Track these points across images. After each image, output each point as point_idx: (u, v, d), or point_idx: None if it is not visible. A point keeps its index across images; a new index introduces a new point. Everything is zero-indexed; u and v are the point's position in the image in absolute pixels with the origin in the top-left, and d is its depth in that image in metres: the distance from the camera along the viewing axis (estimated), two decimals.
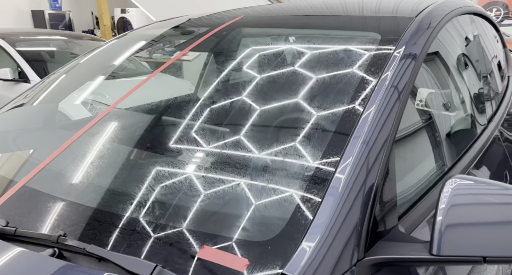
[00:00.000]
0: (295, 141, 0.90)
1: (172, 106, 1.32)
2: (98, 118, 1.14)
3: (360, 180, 0.74)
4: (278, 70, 1.11)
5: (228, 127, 1.01)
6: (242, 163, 0.90)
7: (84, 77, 1.54)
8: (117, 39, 1.63)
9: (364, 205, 0.72)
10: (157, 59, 5.54)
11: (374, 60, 0.98)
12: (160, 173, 0.90)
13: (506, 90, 1.76)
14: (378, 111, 0.84)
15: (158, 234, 0.73)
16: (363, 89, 0.91)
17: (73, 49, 4.66)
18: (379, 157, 0.78)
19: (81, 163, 0.96)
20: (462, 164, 1.09)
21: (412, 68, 0.95)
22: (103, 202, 0.83)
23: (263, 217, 0.77)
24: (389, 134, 0.82)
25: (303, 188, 0.78)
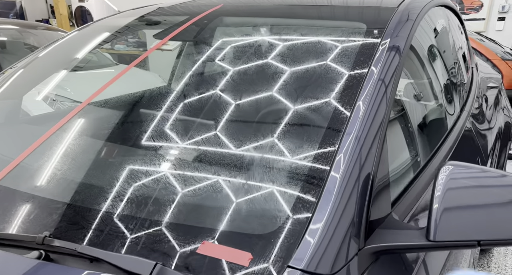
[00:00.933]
0: (288, 135, 0.89)
1: (152, 99, 1.26)
2: (73, 112, 1.07)
3: (356, 171, 0.74)
4: (261, 62, 1.09)
5: (221, 121, 0.98)
6: (237, 158, 0.88)
7: (45, 71, 1.43)
8: (82, 29, 1.53)
9: (362, 195, 0.73)
10: (120, 51, 5.34)
11: (362, 51, 0.98)
12: (152, 168, 0.85)
13: (472, 81, 1.85)
14: (369, 104, 0.84)
15: (154, 231, 0.70)
16: (353, 81, 0.91)
17: (27, 39, 4.35)
18: (373, 148, 0.79)
19: (59, 159, 0.90)
20: (442, 153, 1.13)
21: (398, 60, 0.97)
22: (89, 200, 0.78)
23: (263, 211, 0.75)
24: (381, 124, 0.83)
25: (302, 181, 0.77)
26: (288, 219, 0.70)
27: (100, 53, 3.66)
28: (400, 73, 0.95)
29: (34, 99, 1.48)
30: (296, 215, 0.70)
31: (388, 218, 0.79)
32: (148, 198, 0.78)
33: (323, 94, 0.92)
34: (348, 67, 0.96)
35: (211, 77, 1.13)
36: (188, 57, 1.63)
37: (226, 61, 1.16)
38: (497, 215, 0.68)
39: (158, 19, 1.45)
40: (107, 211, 0.74)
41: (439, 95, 1.38)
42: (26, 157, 0.86)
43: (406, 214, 0.86)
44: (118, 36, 1.56)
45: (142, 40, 4.55)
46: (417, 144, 1.14)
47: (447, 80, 1.50)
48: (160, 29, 1.35)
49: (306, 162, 0.80)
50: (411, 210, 0.88)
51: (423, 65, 1.30)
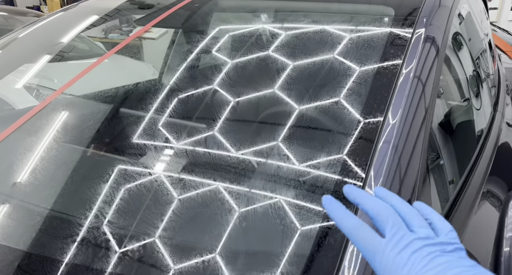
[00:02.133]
0: (307, 142, 0.72)
1: (135, 94, 1.07)
2: (38, 108, 0.90)
3: (396, 187, 0.58)
4: (269, 54, 0.89)
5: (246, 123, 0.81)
6: (250, 165, 0.71)
7: (25, 56, 1.24)
8: (64, 11, 1.34)
9: None
10: (114, 40, 5.09)
11: (392, 42, 0.80)
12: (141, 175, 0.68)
13: (499, 74, 1.66)
14: (408, 106, 0.67)
15: (147, 248, 0.53)
16: (383, 79, 0.73)
17: (15, 26, 4.13)
18: (413, 164, 0.62)
19: (21, 164, 0.72)
20: (481, 168, 0.94)
21: (435, 53, 0.78)
22: (55, 230, 0.60)
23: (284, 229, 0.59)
24: (421, 130, 0.66)
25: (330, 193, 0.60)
26: (317, 243, 0.54)
27: (91, 42, 3.46)
28: (440, 69, 0.77)
29: (13, 86, 1.29)
30: (326, 241, 0.54)
31: None
32: (141, 206, 0.62)
33: (345, 95, 0.74)
34: (375, 63, 0.77)
35: (207, 71, 0.95)
36: (181, 46, 1.44)
37: (224, 52, 0.97)
38: None
39: (152, 2, 1.25)
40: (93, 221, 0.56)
41: (470, 95, 1.20)
42: None
43: None
44: (107, 19, 1.37)
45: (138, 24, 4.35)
46: (445, 154, 0.96)
47: (477, 75, 1.31)
48: (149, 12, 1.15)
49: (334, 175, 0.64)
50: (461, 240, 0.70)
51: (455, 60, 1.12)
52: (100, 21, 1.29)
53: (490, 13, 4.87)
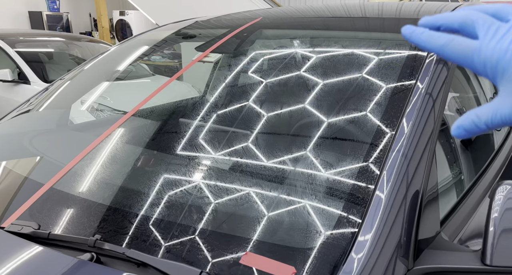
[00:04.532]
0: (330, 149, 0.88)
1: (194, 109, 1.28)
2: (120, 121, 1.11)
3: (403, 188, 0.72)
4: (301, 74, 1.09)
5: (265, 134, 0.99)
6: (280, 170, 0.88)
7: (89, 82, 1.50)
8: (124, 43, 1.60)
9: (410, 214, 0.70)
10: (156, 62, 5.51)
11: (408, 64, 0.96)
12: (196, 177, 0.87)
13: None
14: (417, 118, 0.82)
15: (198, 238, 0.70)
16: (398, 95, 0.89)
17: (72, 50, 4.60)
18: (421, 165, 0.76)
19: (108, 166, 0.93)
20: (492, 171, 1.07)
21: (446, 73, 0.94)
22: (137, 205, 0.80)
23: (306, 225, 0.74)
24: (430, 140, 0.80)
25: (346, 197, 0.75)
26: (332, 235, 0.68)
27: (138, 64, 3.81)
28: (449, 87, 0.92)
29: (78, 108, 1.56)
30: (341, 232, 0.69)
31: (437, 239, 0.75)
32: (192, 207, 0.79)
33: (366, 108, 0.91)
34: (393, 80, 0.94)
35: (247, 89, 1.14)
36: (225, 68, 1.66)
37: (265, 73, 1.17)
38: None
39: (195, 33, 1.48)
40: (153, 217, 0.75)
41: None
42: (77, 163, 0.90)
43: (456, 235, 0.82)
44: (156, 49, 1.61)
45: (177, 51, 4.67)
46: (461, 160, 1.09)
47: (495, 88, 1.44)
48: (197, 42, 1.38)
49: (351, 178, 0.78)
50: (460, 231, 0.83)
51: (466, 76, 1.25)
52: (150, 50, 1.53)
53: None
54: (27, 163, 1.01)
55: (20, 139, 1.15)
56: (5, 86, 3.66)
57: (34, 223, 0.72)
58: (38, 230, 0.71)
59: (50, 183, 0.85)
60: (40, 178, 0.90)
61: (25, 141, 1.13)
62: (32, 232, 0.70)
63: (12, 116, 1.26)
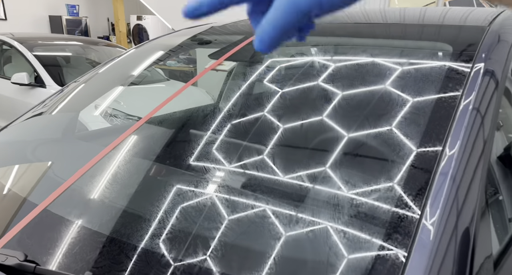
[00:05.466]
0: (361, 170, 0.77)
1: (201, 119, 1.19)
2: (127, 132, 1.02)
3: (453, 220, 0.60)
4: (332, 85, 0.98)
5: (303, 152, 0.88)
6: (304, 191, 0.77)
7: (102, 87, 1.44)
8: (139, 47, 1.54)
9: (461, 259, 0.58)
10: (171, 67, 5.48)
11: (451, 77, 0.84)
12: (209, 200, 0.77)
13: None
14: (467, 137, 0.70)
15: None
16: (441, 111, 0.77)
17: (89, 54, 4.62)
18: (471, 195, 0.64)
19: (110, 185, 0.84)
20: None
21: (494, 87, 0.82)
22: (137, 236, 0.70)
23: (334, 259, 0.63)
24: (480, 163, 0.68)
25: (382, 237, 0.64)
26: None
27: (153, 69, 3.78)
28: (499, 102, 0.80)
29: (91, 113, 1.50)
30: (374, 270, 0.58)
31: None
32: (200, 239, 0.69)
33: (404, 125, 0.79)
34: (434, 95, 0.82)
35: (263, 99, 1.04)
36: (240, 76, 1.57)
37: (280, 83, 1.06)
38: None
39: (211, 38, 1.41)
40: (155, 251, 0.65)
41: None
42: (75, 181, 0.81)
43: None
44: (171, 54, 1.55)
45: (192, 57, 4.62)
46: (503, 186, 0.96)
47: None
48: (212, 48, 1.30)
49: (390, 206, 0.67)
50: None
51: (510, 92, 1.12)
52: (166, 55, 1.47)
53: None
54: (21, 178, 0.93)
55: (19, 149, 1.07)
56: (22, 89, 3.67)
57: (20, 253, 0.64)
58: (24, 262, 0.62)
59: (43, 205, 0.76)
60: (34, 198, 0.82)
61: (23, 152, 1.05)
62: (17, 265, 0.61)
63: (20, 121, 1.20)
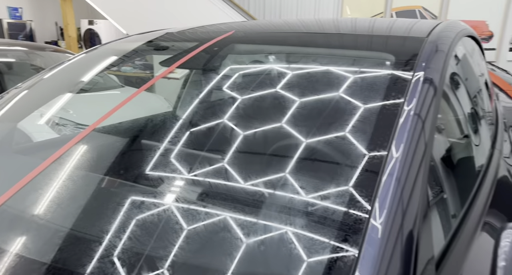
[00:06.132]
0: (312, 174, 0.78)
1: (160, 128, 1.15)
2: (69, 144, 0.96)
3: (399, 220, 0.62)
4: (283, 93, 0.98)
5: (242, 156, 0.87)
6: (260, 197, 0.76)
7: (48, 94, 1.36)
8: (89, 52, 1.47)
9: (406, 258, 0.60)
10: (127, 73, 5.31)
11: (393, 85, 0.88)
12: (160, 205, 0.73)
13: (497, 112, 1.74)
14: (409, 141, 0.73)
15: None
16: (385, 118, 0.81)
17: (34, 60, 4.35)
18: (414, 196, 0.67)
19: (53, 205, 0.78)
20: (480, 201, 1.00)
21: (433, 93, 0.86)
22: (88, 262, 0.65)
23: (288, 259, 0.62)
24: (422, 165, 0.71)
25: (336, 237, 0.65)
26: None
27: (106, 75, 3.63)
28: (438, 108, 0.85)
29: (35, 122, 1.40)
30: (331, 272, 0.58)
31: None
32: (154, 236, 0.66)
33: (351, 130, 0.82)
34: (379, 102, 0.85)
35: (222, 106, 1.03)
36: (195, 84, 1.54)
37: (238, 90, 1.06)
38: None
39: (167, 44, 1.38)
40: (108, 251, 0.61)
41: (468, 131, 1.27)
42: (7, 200, 0.74)
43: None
44: (125, 60, 1.49)
45: (149, 62, 4.52)
46: (447, 188, 1.01)
47: (475, 113, 1.39)
48: (168, 55, 1.27)
49: (341, 207, 0.69)
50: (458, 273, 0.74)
51: (452, 99, 1.20)
52: (118, 61, 1.41)
53: (489, 53, 5.05)
54: None
55: None
56: None
57: None
58: None
59: None
60: None
61: None
62: None
63: None
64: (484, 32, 5.08)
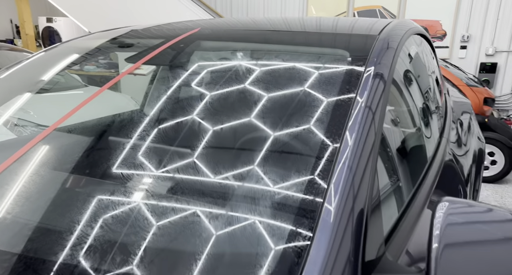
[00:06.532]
0: (273, 165, 0.83)
1: (126, 125, 1.16)
2: (30, 144, 0.96)
3: (350, 203, 0.69)
4: (244, 88, 1.03)
5: (204, 149, 0.90)
6: (221, 189, 0.80)
7: (5, 93, 1.32)
8: (49, 50, 1.44)
9: (357, 232, 0.67)
10: (90, 72, 5.17)
11: (347, 79, 0.95)
12: (126, 203, 0.76)
13: (446, 106, 1.88)
14: (360, 132, 0.80)
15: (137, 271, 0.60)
16: (340, 109, 0.87)
17: None
18: (365, 178, 0.74)
19: (13, 200, 0.78)
20: (427, 184, 1.10)
21: (383, 87, 0.94)
22: (48, 249, 0.67)
23: (251, 248, 0.67)
24: (372, 153, 0.78)
25: (291, 217, 0.70)
26: (278, 261, 0.63)
27: (68, 74, 3.51)
28: (386, 100, 0.93)
29: None
30: (287, 256, 0.63)
31: (383, 260, 0.72)
32: (121, 237, 0.68)
33: (309, 122, 0.88)
34: (334, 95, 0.92)
35: (188, 103, 1.06)
36: (162, 81, 1.56)
37: (204, 86, 1.09)
38: (495, 254, 0.64)
39: (131, 42, 1.38)
40: (73, 254, 0.63)
41: (419, 122, 1.37)
42: None
43: (400, 252, 0.80)
44: (88, 58, 1.48)
45: (114, 61, 4.42)
46: (400, 173, 1.11)
47: (425, 106, 1.51)
48: (133, 52, 1.28)
49: (295, 194, 0.74)
50: (404, 248, 0.82)
51: (403, 92, 1.29)
52: (81, 59, 1.39)
53: (443, 51, 5.37)
54: None
55: None
56: None
57: None
58: None
59: None
60: None
61: None
62: None
63: None
64: (438, 31, 5.38)
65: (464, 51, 5.28)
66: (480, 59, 5.23)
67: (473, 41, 5.24)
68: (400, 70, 1.26)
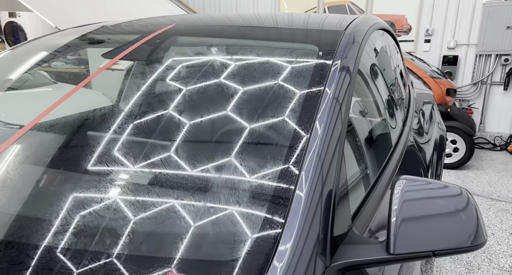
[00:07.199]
0: (249, 155, 0.89)
1: (102, 120, 1.18)
2: (11, 140, 0.97)
3: (319, 188, 0.76)
4: (220, 81, 1.08)
5: (179, 142, 0.95)
6: (196, 180, 0.85)
7: None
8: (16, 48, 1.43)
9: (326, 212, 0.74)
10: (58, 68, 5.04)
11: (316, 72, 1.02)
12: (104, 196, 0.80)
13: (410, 97, 2.01)
14: (327, 121, 0.87)
15: (109, 266, 0.64)
16: (310, 101, 0.94)
17: None
18: (333, 165, 0.81)
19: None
20: (391, 166, 1.20)
21: (349, 79, 1.02)
22: (29, 238, 0.70)
23: (228, 235, 0.73)
24: (339, 141, 0.86)
25: (265, 202, 0.77)
26: (254, 242, 0.69)
27: (36, 72, 3.41)
28: (352, 91, 1.00)
29: None
30: (264, 236, 0.70)
31: (350, 234, 0.81)
32: (106, 230, 0.72)
33: (281, 113, 0.94)
34: (304, 87, 0.99)
35: (165, 97, 1.10)
36: (138, 76, 1.58)
37: (180, 81, 1.14)
38: (446, 225, 0.73)
39: (103, 38, 1.39)
40: (58, 246, 0.67)
41: (383, 112, 1.48)
42: None
43: (365, 228, 0.89)
44: (57, 55, 1.47)
45: (83, 57, 4.30)
46: (366, 158, 1.20)
47: (389, 97, 1.61)
48: (105, 48, 1.29)
49: (269, 182, 0.80)
50: (369, 224, 0.91)
51: (368, 84, 1.39)
52: (50, 56, 1.38)
53: (408, 45, 5.59)
54: None
55: None
56: None
57: None
58: None
59: None
60: None
61: None
62: None
63: None
64: (404, 26, 5.60)
65: (428, 45, 5.53)
66: (443, 52, 5.50)
67: (436, 35, 5.49)
68: (366, 63, 1.35)
